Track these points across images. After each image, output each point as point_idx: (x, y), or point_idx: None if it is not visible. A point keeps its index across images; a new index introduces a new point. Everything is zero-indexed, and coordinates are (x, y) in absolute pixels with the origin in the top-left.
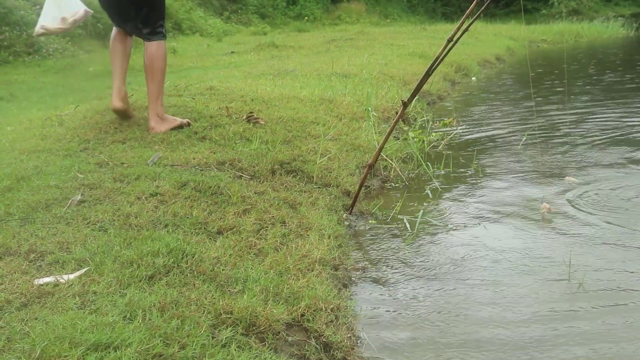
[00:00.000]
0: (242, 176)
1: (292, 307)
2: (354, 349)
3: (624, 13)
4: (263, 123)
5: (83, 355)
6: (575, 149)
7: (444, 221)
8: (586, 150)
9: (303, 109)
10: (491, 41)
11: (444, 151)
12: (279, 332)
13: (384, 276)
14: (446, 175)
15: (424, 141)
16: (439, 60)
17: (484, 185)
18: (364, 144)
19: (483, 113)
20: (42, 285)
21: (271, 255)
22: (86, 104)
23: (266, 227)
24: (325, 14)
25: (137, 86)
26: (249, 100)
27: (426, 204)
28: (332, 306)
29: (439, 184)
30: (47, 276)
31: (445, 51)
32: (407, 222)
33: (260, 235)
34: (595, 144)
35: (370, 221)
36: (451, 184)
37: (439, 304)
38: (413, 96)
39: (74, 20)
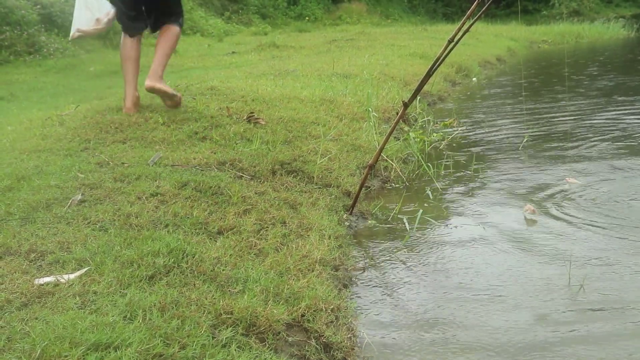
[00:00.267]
0: (242, 176)
1: (293, 307)
2: (354, 349)
3: (624, 14)
4: (264, 123)
5: (83, 355)
6: (576, 149)
7: (444, 222)
8: (587, 151)
9: (304, 109)
10: (492, 42)
11: (444, 152)
12: (279, 333)
13: (384, 277)
14: (446, 175)
15: (424, 142)
16: (439, 60)
17: (484, 186)
18: (364, 144)
19: (484, 114)
20: (42, 285)
21: (271, 256)
22: (87, 103)
23: (266, 227)
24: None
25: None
26: (249, 100)
27: (426, 204)
28: (332, 306)
29: (439, 184)
30: (48, 276)
31: (446, 52)
32: (407, 223)
33: (260, 235)
34: (595, 144)
35: (370, 221)
36: (451, 184)
37: (439, 304)
38: (414, 97)
39: (108, 20)
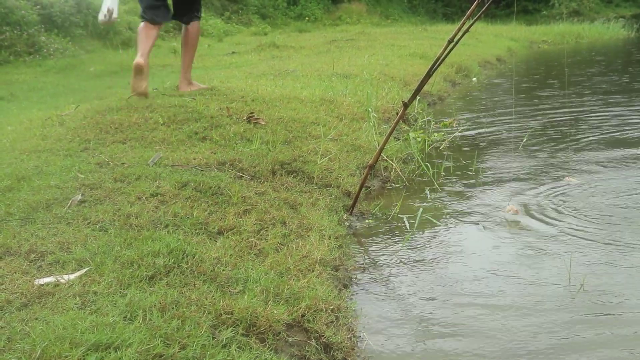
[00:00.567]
0: (242, 176)
1: (293, 307)
2: (354, 349)
3: (624, 14)
4: (264, 123)
5: (83, 356)
6: (575, 149)
7: (444, 221)
8: (586, 150)
9: (304, 109)
10: (492, 42)
11: (444, 152)
12: (279, 333)
13: (384, 277)
14: (447, 175)
15: (424, 142)
16: (439, 61)
17: (484, 186)
18: (364, 144)
19: (483, 114)
20: (42, 285)
21: (272, 256)
22: (87, 104)
23: (267, 227)
24: (326, 14)
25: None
26: (249, 100)
27: (426, 204)
28: (332, 307)
29: (439, 184)
30: (48, 276)
31: (446, 52)
32: (407, 223)
33: (260, 235)
34: (595, 144)
35: (370, 221)
36: (451, 184)
37: (439, 304)
38: (414, 97)
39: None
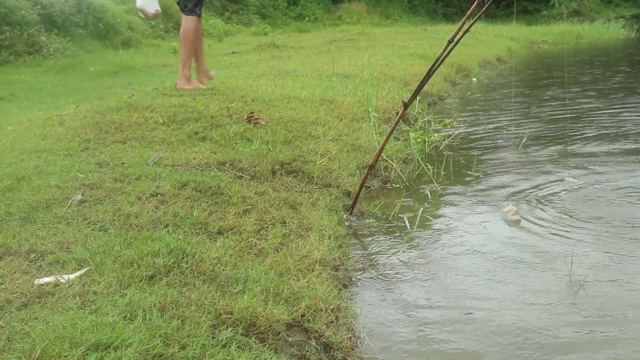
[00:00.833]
0: (242, 176)
1: (293, 307)
2: (354, 349)
3: (624, 14)
4: (264, 123)
5: (83, 355)
6: (575, 149)
7: (444, 221)
8: (586, 150)
9: (304, 109)
10: (492, 42)
11: (444, 152)
12: (279, 333)
13: (384, 276)
14: (446, 175)
15: (424, 142)
16: (439, 61)
17: (483, 186)
18: (364, 144)
19: (483, 114)
20: (42, 285)
21: (271, 256)
22: (87, 103)
23: (266, 227)
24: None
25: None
26: (249, 100)
27: (426, 204)
28: (332, 307)
29: (439, 184)
30: (48, 276)
31: (446, 52)
32: (407, 222)
33: (260, 235)
34: (595, 143)
35: (370, 221)
36: (451, 184)
37: (439, 304)
38: (414, 97)
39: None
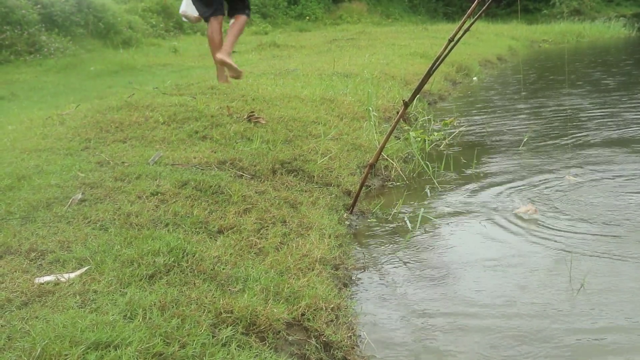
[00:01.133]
0: (242, 175)
1: (293, 306)
2: (354, 348)
3: (625, 13)
4: (264, 122)
5: (83, 354)
6: (576, 147)
7: (444, 220)
8: (586, 149)
9: (304, 108)
10: (492, 41)
11: (444, 151)
12: (279, 332)
13: (384, 275)
14: (447, 174)
15: (425, 141)
16: (440, 60)
17: (484, 185)
18: (364, 143)
19: (484, 113)
20: (42, 284)
21: (272, 255)
22: (87, 103)
23: (267, 226)
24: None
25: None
26: (250, 99)
27: (427, 203)
28: (332, 305)
29: (439, 183)
30: (48, 275)
31: (447, 51)
32: (407, 222)
33: (260, 234)
34: (595, 142)
35: (370, 220)
36: (452, 183)
37: (440, 303)
38: (414, 96)
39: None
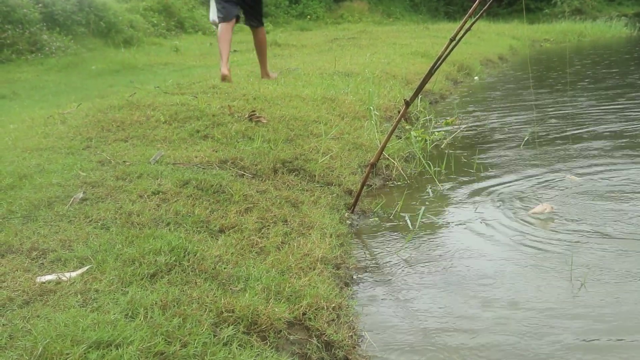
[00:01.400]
0: (244, 175)
1: (294, 305)
2: (355, 347)
3: (627, 12)
4: (265, 122)
5: (85, 353)
6: (577, 147)
7: (445, 220)
8: (588, 148)
9: (305, 107)
10: (494, 40)
11: (446, 150)
12: (280, 331)
13: (386, 275)
14: (448, 174)
15: (426, 140)
16: (441, 59)
17: (485, 184)
18: (366, 142)
19: (485, 112)
20: (44, 283)
21: (273, 254)
22: (88, 102)
23: (268, 225)
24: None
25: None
26: (251, 98)
27: (428, 202)
28: (333, 305)
29: (441, 182)
30: (49, 274)
31: (448, 50)
32: (408, 221)
33: (262, 233)
34: (596, 142)
35: (372, 220)
36: (453, 182)
37: (441, 303)
38: (415, 95)
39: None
